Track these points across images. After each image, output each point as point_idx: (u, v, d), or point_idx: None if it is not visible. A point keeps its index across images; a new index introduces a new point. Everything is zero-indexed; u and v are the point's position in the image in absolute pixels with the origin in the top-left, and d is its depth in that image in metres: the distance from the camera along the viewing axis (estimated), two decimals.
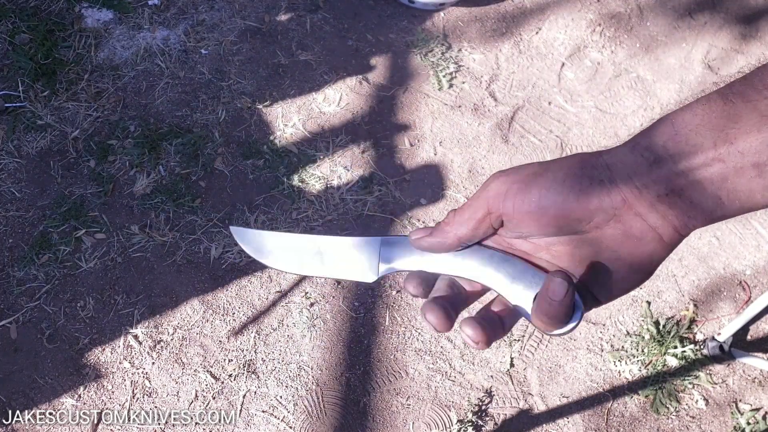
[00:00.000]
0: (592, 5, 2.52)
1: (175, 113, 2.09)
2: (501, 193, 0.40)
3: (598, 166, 0.38)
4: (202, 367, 1.72)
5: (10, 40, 2.17)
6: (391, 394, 1.72)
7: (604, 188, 0.38)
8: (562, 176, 0.39)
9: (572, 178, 0.38)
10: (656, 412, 1.74)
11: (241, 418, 1.66)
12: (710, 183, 0.35)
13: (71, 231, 1.86)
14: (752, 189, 0.35)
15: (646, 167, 0.37)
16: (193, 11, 2.31)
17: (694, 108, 0.36)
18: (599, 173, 0.38)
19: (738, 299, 1.93)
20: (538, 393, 1.75)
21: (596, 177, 0.38)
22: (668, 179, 0.36)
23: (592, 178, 0.38)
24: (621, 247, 0.39)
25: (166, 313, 1.78)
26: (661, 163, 0.36)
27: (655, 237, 0.38)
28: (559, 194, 0.38)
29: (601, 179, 0.38)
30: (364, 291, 1.85)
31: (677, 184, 0.36)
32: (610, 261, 0.39)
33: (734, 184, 0.35)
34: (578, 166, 0.39)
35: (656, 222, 0.38)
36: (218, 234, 1.89)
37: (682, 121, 0.36)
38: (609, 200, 0.38)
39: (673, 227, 0.38)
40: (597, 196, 0.38)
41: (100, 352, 1.72)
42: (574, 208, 0.38)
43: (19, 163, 1.96)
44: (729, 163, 0.35)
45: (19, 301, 1.76)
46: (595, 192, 0.38)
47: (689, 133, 0.36)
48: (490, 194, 0.41)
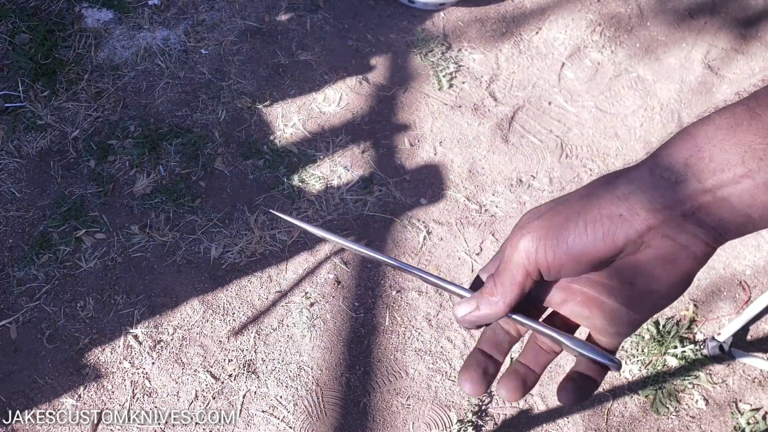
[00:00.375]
0: (592, 5, 2.52)
1: (175, 113, 2.09)
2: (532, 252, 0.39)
3: (613, 200, 0.37)
4: (202, 367, 1.72)
5: (10, 40, 2.17)
6: (391, 394, 1.72)
7: (626, 222, 0.36)
8: (583, 224, 0.37)
9: (594, 223, 0.37)
10: (656, 412, 1.74)
11: (241, 418, 1.66)
12: (739, 201, 0.34)
13: (71, 231, 1.86)
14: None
15: (669, 189, 0.35)
16: (193, 11, 2.31)
17: (716, 121, 0.35)
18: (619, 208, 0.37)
19: (738, 299, 1.93)
20: (538, 393, 1.75)
21: (616, 214, 0.37)
22: (693, 198, 0.35)
23: (612, 217, 0.37)
24: (655, 270, 0.38)
25: (166, 313, 1.78)
26: (684, 183, 0.35)
27: (689, 255, 0.37)
28: (586, 239, 0.37)
29: (621, 214, 0.37)
30: (364, 291, 1.85)
31: (703, 202, 0.35)
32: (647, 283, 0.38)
33: (765, 201, 0.33)
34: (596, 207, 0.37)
35: (687, 241, 0.36)
36: (218, 234, 1.89)
37: (704, 135, 0.35)
38: (634, 232, 0.36)
39: (705, 243, 0.36)
40: (623, 232, 0.36)
41: (100, 352, 1.72)
42: (602, 248, 0.37)
43: (19, 163, 1.96)
44: (758, 180, 0.33)
45: (19, 301, 1.76)
46: (620, 229, 0.37)
47: (713, 149, 0.34)
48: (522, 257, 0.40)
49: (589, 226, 0.37)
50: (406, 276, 1.87)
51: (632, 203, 0.36)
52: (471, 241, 1.94)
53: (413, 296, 1.85)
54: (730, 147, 0.34)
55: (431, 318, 1.82)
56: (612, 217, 0.37)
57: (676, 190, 0.35)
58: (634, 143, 2.18)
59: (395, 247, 1.92)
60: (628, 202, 0.36)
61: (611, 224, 0.37)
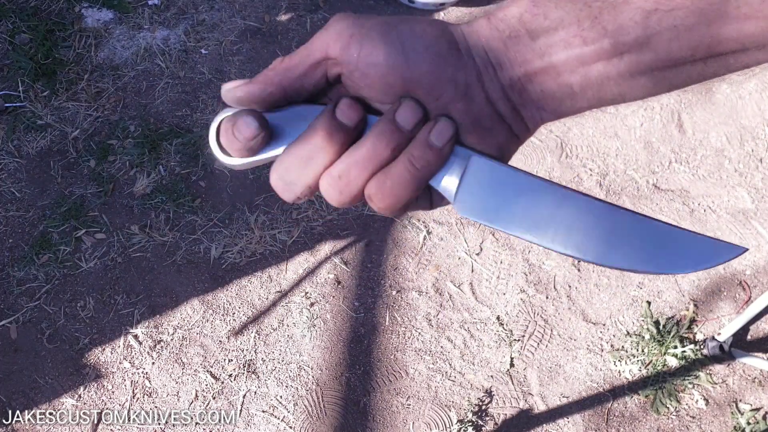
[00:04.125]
0: None
1: (176, 113, 2.09)
2: (345, 36, 0.33)
3: (457, 34, 0.34)
4: (202, 367, 1.72)
5: (10, 40, 2.17)
6: (391, 394, 1.72)
7: (461, 59, 0.33)
8: (420, 31, 0.33)
9: (431, 37, 0.33)
10: (656, 412, 1.74)
11: (241, 418, 1.66)
12: (565, 67, 0.32)
13: (71, 231, 1.86)
14: (607, 76, 0.32)
15: (502, 42, 0.33)
16: (193, 11, 2.31)
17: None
18: (459, 42, 0.34)
19: (738, 299, 1.93)
20: (538, 393, 1.75)
21: (455, 44, 0.33)
22: (523, 60, 0.33)
23: (452, 43, 0.33)
24: (467, 137, 0.35)
25: (166, 313, 1.78)
26: (516, 39, 0.33)
27: (504, 128, 0.35)
28: (414, 52, 0.33)
29: (458, 48, 0.33)
30: (364, 291, 1.85)
31: (531, 67, 0.33)
32: None
33: (590, 69, 0.32)
34: (439, 28, 0.34)
35: (506, 111, 0.34)
36: (218, 234, 1.89)
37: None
38: (464, 74, 0.33)
39: (521, 118, 0.35)
40: (453, 65, 0.33)
41: (100, 352, 1.72)
42: (427, 72, 0.33)
43: (19, 163, 1.96)
44: (589, 42, 0.31)
45: (19, 301, 1.76)
46: (452, 60, 0.33)
47: (548, 4, 0.32)
48: (331, 36, 0.34)
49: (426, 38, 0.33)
50: (406, 276, 1.87)
51: (470, 45, 0.34)
52: (471, 241, 1.94)
53: (413, 296, 1.85)
54: (566, 4, 0.32)
55: (431, 318, 1.82)
56: (451, 44, 0.33)
57: (509, 46, 0.33)
58: (634, 143, 2.18)
59: (395, 247, 1.92)
60: (467, 42, 0.34)
61: (448, 49, 0.33)
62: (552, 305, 1.85)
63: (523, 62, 0.33)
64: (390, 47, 0.33)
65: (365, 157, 0.34)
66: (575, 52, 0.32)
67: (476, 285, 1.87)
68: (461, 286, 1.87)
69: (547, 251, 1.93)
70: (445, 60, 0.33)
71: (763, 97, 2.22)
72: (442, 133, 0.34)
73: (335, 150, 0.34)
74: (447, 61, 0.33)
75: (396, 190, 0.34)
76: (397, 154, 0.34)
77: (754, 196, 2.04)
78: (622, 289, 1.89)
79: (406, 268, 1.88)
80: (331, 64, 0.34)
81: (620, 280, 1.90)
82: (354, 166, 0.34)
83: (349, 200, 0.35)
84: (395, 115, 0.33)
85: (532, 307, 1.85)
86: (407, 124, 0.33)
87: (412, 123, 0.33)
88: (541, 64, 0.33)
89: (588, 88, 0.33)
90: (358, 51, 0.33)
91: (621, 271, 1.90)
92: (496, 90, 0.34)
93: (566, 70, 0.32)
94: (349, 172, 0.34)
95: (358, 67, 0.33)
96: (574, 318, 1.84)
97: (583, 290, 1.88)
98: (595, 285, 1.89)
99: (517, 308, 1.84)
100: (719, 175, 2.07)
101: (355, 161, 0.34)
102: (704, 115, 2.20)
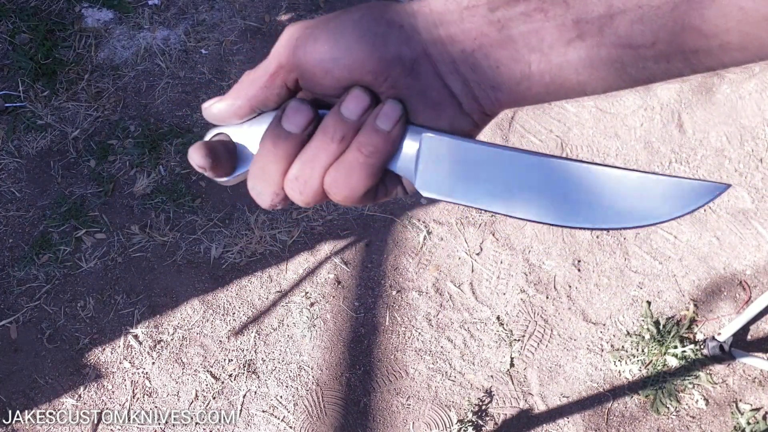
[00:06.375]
0: None
1: (176, 113, 2.09)
2: (292, 42, 0.34)
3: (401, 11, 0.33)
4: (202, 367, 1.72)
5: (10, 40, 2.17)
6: (391, 394, 1.72)
7: (404, 34, 0.32)
8: (358, 17, 0.33)
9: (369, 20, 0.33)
10: (656, 412, 1.74)
11: (241, 418, 1.66)
12: (524, 42, 0.31)
13: (71, 231, 1.86)
14: (567, 60, 0.31)
15: (458, 14, 0.32)
16: (194, 11, 2.31)
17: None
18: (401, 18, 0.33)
19: (738, 299, 1.93)
20: (538, 393, 1.75)
21: (397, 21, 0.33)
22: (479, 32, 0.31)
23: (392, 21, 0.33)
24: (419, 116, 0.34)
25: (166, 313, 1.78)
26: (474, 9, 0.31)
27: (454, 104, 0.34)
28: (353, 38, 0.32)
29: (402, 24, 0.33)
30: (364, 291, 1.85)
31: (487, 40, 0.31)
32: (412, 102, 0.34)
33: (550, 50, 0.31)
34: (379, 9, 0.33)
35: (457, 87, 0.33)
36: (218, 234, 1.89)
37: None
38: (408, 50, 0.32)
39: (473, 97, 0.34)
40: (395, 43, 0.32)
41: (100, 352, 1.72)
42: (369, 56, 0.32)
43: (19, 163, 1.96)
44: (551, 18, 0.30)
45: (19, 301, 1.76)
46: (393, 37, 0.32)
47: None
48: (281, 44, 0.34)
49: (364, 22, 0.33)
50: (406, 276, 1.87)
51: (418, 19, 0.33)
52: (471, 241, 1.94)
53: (413, 296, 1.85)
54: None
55: (431, 318, 1.82)
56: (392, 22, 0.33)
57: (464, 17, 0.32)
58: (634, 143, 2.18)
59: (395, 247, 1.92)
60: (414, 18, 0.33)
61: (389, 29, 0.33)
62: (552, 305, 1.85)
63: (479, 35, 0.32)
64: (330, 41, 0.33)
65: (315, 154, 0.34)
66: (535, 26, 0.30)
67: (476, 285, 1.87)
68: (461, 286, 1.87)
69: (547, 252, 1.93)
70: (385, 39, 0.32)
71: (763, 97, 2.22)
72: (388, 115, 0.33)
73: (285, 156, 0.35)
74: (387, 39, 0.32)
75: (350, 180, 0.34)
76: (346, 145, 0.34)
77: (754, 196, 2.04)
78: (622, 289, 1.89)
79: (407, 268, 1.89)
80: (286, 72, 0.35)
81: (620, 280, 1.90)
82: (306, 165, 0.34)
83: (312, 198, 0.35)
84: (340, 107, 0.33)
85: (532, 307, 1.85)
86: (352, 115, 0.33)
87: (358, 112, 0.33)
88: (498, 37, 0.31)
89: (546, 72, 0.32)
90: (303, 53, 0.33)
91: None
92: (446, 64, 0.33)
93: (524, 46, 0.31)
94: (304, 171, 0.34)
95: (307, 69, 0.34)
96: (574, 318, 1.84)
97: (583, 290, 1.88)
98: (595, 285, 1.89)
99: (517, 308, 1.84)
100: (719, 175, 2.06)
101: (307, 160, 0.34)
102: (704, 115, 2.20)
